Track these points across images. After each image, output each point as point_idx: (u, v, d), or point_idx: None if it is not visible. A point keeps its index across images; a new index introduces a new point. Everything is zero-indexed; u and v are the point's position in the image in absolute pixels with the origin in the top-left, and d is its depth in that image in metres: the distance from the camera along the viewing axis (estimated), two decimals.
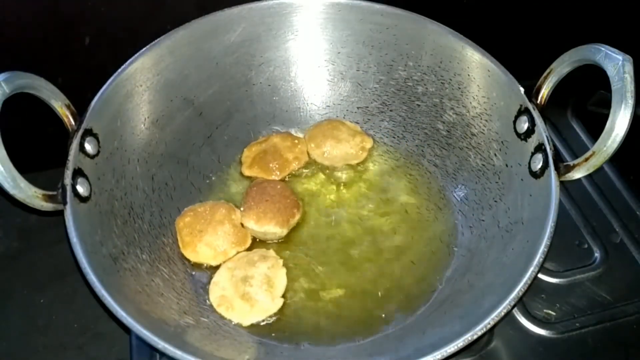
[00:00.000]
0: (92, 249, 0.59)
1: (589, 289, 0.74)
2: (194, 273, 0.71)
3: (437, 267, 0.72)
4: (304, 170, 0.82)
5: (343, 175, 0.82)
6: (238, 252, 0.72)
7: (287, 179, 0.81)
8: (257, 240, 0.75)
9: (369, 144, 0.84)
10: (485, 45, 0.74)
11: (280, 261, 0.71)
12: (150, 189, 0.74)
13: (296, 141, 0.83)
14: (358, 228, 0.76)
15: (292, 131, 0.86)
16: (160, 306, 0.63)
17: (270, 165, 0.80)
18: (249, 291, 0.67)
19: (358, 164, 0.83)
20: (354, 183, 0.81)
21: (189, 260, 0.72)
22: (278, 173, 0.80)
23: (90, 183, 0.64)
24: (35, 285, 0.75)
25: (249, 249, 0.73)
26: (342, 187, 0.81)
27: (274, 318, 0.67)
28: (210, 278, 0.70)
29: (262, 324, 0.67)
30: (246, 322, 0.67)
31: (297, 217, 0.76)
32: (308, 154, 0.83)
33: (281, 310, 0.68)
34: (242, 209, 0.74)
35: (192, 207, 0.74)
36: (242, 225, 0.74)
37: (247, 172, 0.81)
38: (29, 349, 0.71)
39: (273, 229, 0.73)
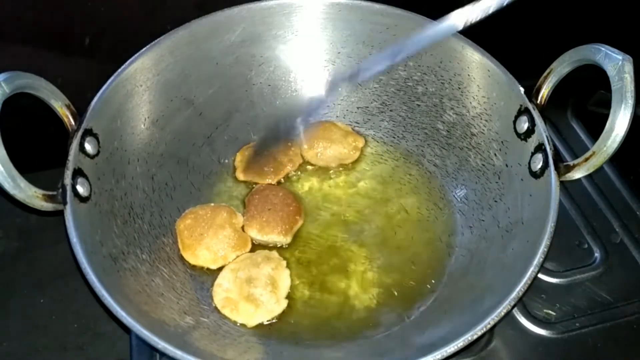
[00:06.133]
0: (92, 249, 0.59)
1: (589, 289, 0.74)
2: (194, 273, 0.71)
3: (437, 268, 0.72)
4: (300, 173, 0.82)
5: (342, 176, 0.82)
6: (238, 257, 0.72)
7: (282, 181, 0.81)
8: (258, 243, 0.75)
9: (361, 143, 0.84)
10: (485, 45, 0.74)
11: (284, 262, 0.71)
12: (150, 189, 0.74)
13: (289, 144, 0.82)
14: (358, 228, 0.76)
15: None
16: (160, 306, 0.63)
17: (265, 168, 0.80)
18: (253, 292, 0.67)
19: (353, 164, 0.83)
20: (353, 183, 0.81)
21: (188, 262, 0.72)
22: (273, 176, 0.80)
23: (90, 183, 0.64)
24: (35, 285, 0.75)
25: (250, 251, 0.73)
26: (341, 188, 0.81)
27: (277, 319, 0.67)
28: (211, 279, 0.70)
29: (265, 324, 0.67)
30: (251, 323, 0.67)
31: (300, 223, 0.75)
32: (302, 156, 0.83)
33: (284, 310, 0.68)
34: (244, 217, 0.74)
35: (192, 210, 0.74)
36: (243, 230, 0.74)
37: (241, 177, 0.80)
38: (29, 349, 0.71)
39: (276, 238, 0.73)
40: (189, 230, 0.72)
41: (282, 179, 0.81)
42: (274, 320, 0.67)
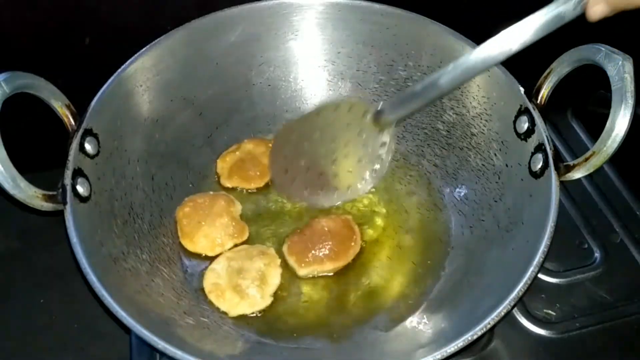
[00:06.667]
0: (92, 249, 0.59)
1: (589, 289, 0.74)
2: (194, 273, 0.71)
3: (437, 267, 0.72)
4: None
5: None
6: (235, 245, 0.73)
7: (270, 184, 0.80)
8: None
9: None
10: None
11: (278, 260, 0.71)
12: (150, 189, 0.74)
13: (270, 145, 0.81)
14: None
15: None
16: (160, 306, 0.63)
17: (250, 173, 0.79)
18: (240, 284, 0.68)
19: None
20: None
21: (189, 252, 0.73)
22: (259, 180, 0.79)
23: (90, 183, 0.64)
24: (35, 285, 0.75)
25: (247, 241, 0.74)
26: None
27: (261, 313, 0.68)
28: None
29: (249, 316, 0.68)
30: (233, 313, 0.67)
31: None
32: None
33: (275, 307, 0.68)
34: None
35: (192, 198, 0.75)
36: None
37: (227, 184, 0.80)
38: (29, 349, 0.71)
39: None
40: (187, 218, 0.73)
41: (269, 182, 0.80)
42: (259, 314, 0.68)
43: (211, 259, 0.72)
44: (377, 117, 0.64)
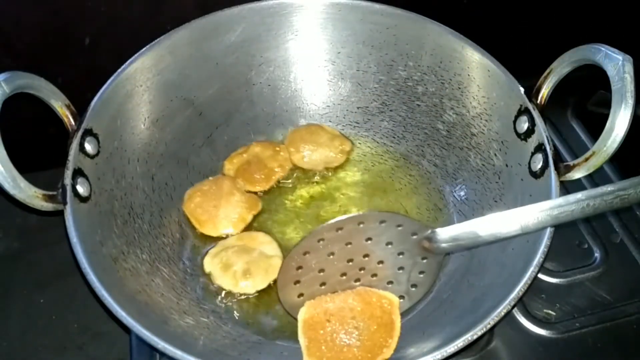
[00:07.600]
0: (92, 249, 0.59)
1: (589, 289, 0.74)
2: (194, 273, 0.71)
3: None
4: (291, 179, 0.82)
5: (340, 178, 0.82)
6: (254, 216, 0.76)
7: (276, 186, 0.81)
8: None
9: (347, 146, 0.83)
10: (485, 45, 0.74)
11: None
12: (150, 189, 0.74)
13: (278, 149, 0.82)
14: None
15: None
16: (160, 306, 0.63)
17: (256, 176, 0.79)
18: (228, 260, 0.70)
19: (353, 164, 0.83)
20: (353, 185, 0.81)
21: (208, 236, 0.74)
22: (264, 183, 0.80)
23: (90, 183, 0.64)
24: (35, 285, 0.75)
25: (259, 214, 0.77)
26: (340, 190, 0.80)
27: (261, 313, 0.68)
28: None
29: (251, 314, 0.68)
30: (214, 279, 0.70)
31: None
32: (290, 160, 0.82)
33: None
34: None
35: (194, 189, 0.77)
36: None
37: None
38: (29, 349, 0.71)
39: None
40: (201, 208, 0.75)
41: (274, 185, 0.80)
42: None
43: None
44: (428, 241, 0.62)
